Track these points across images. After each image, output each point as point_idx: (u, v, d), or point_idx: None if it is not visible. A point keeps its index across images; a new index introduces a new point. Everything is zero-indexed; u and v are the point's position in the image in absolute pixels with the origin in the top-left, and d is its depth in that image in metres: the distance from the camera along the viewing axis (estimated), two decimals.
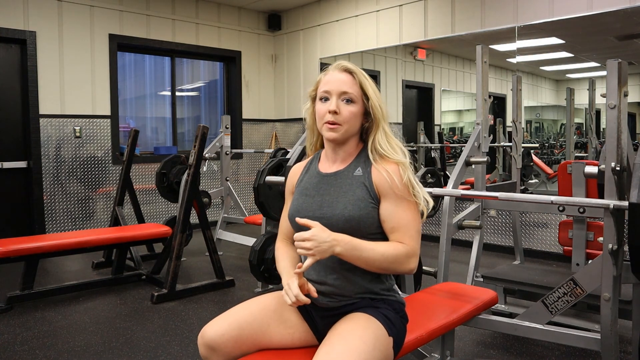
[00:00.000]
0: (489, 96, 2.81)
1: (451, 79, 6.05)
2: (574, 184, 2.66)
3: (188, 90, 6.44)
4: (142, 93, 6.04)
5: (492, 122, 5.07)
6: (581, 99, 4.84)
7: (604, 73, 1.98)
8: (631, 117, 4.42)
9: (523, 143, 3.34)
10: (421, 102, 6.08)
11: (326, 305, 1.46)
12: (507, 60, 4.85)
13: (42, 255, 3.32)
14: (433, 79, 5.98)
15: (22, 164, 4.91)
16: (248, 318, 1.45)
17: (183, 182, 3.81)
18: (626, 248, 1.86)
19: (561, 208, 2.37)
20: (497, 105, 5.39)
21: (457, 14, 4.81)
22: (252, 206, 6.21)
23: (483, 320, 2.19)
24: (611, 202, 1.84)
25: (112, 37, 5.33)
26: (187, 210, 3.57)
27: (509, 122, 4.30)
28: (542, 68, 5.21)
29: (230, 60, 6.45)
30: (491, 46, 4.09)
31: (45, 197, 4.97)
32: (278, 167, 3.39)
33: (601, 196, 2.06)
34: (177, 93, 6.19)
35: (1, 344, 2.67)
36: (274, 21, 6.58)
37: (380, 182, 1.42)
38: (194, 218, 3.85)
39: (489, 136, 2.79)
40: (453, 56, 5.92)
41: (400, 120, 5.88)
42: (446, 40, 4.99)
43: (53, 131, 4.99)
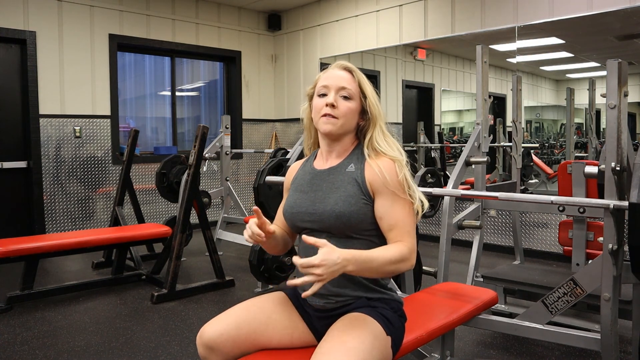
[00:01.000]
0: (489, 96, 2.81)
1: (451, 79, 6.05)
2: (574, 184, 2.66)
3: (188, 90, 6.44)
4: (142, 93, 6.04)
5: (492, 122, 5.07)
6: (581, 99, 4.84)
7: (604, 73, 1.98)
8: (631, 117, 4.42)
9: (523, 143, 3.33)
10: (421, 102, 6.08)
11: (323, 307, 1.46)
12: (507, 60, 4.85)
13: (42, 255, 3.32)
14: (433, 79, 5.98)
15: (22, 164, 4.91)
16: (247, 318, 1.45)
17: (183, 182, 3.81)
18: (626, 248, 1.86)
19: (561, 208, 2.36)
20: (497, 105, 5.39)
21: (457, 14, 4.81)
22: (252, 206, 6.20)
23: (483, 320, 2.19)
24: (611, 202, 1.84)
25: (112, 37, 5.33)
26: (187, 210, 3.57)
27: (509, 122, 4.30)
28: (542, 68, 5.21)
29: (230, 60, 6.45)
30: (491, 46, 4.09)
31: (45, 197, 4.97)
32: (278, 167, 3.40)
33: (601, 196, 2.06)
34: (177, 93, 6.19)
35: (1, 344, 2.67)
36: (274, 21, 6.58)
37: (372, 179, 1.41)
38: (194, 218, 3.84)
39: (489, 136, 2.79)
40: (453, 56, 5.92)
41: (400, 120, 5.88)
42: (446, 40, 4.99)
43: (53, 131, 4.99)
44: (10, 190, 4.88)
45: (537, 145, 5.29)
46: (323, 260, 1.19)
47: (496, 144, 5.07)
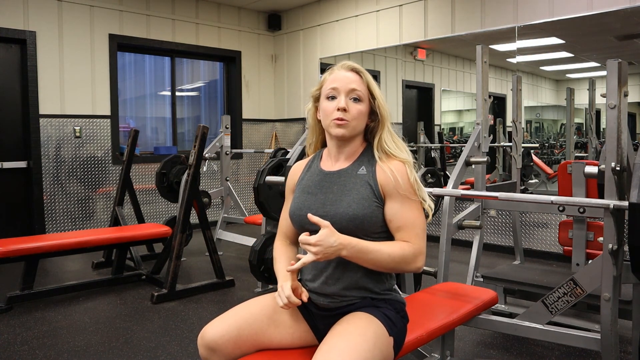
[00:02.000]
0: (489, 96, 2.81)
1: (451, 79, 6.05)
2: (574, 184, 2.66)
3: (188, 90, 6.44)
4: (142, 93, 6.04)
5: (492, 122, 5.07)
6: (581, 99, 4.84)
7: (604, 73, 1.98)
8: (631, 117, 4.42)
9: (523, 143, 3.34)
10: (421, 102, 6.08)
11: (327, 305, 1.46)
12: (507, 60, 4.85)
13: (42, 255, 3.32)
14: (433, 79, 5.98)
15: (22, 164, 4.91)
16: (248, 319, 1.44)
17: (183, 182, 3.81)
18: (626, 248, 1.86)
19: (561, 208, 2.36)
20: (497, 105, 5.39)
21: (457, 14, 4.81)
22: (252, 206, 6.20)
23: (483, 320, 2.19)
24: (611, 202, 1.84)
25: (112, 37, 5.33)
26: (187, 210, 3.57)
27: (509, 122, 4.30)
28: (542, 68, 5.21)
29: (230, 60, 6.45)
30: (491, 46, 4.09)
31: (45, 197, 4.97)
32: (278, 167, 3.39)
33: (601, 196, 2.06)
34: (177, 93, 6.19)
35: (1, 344, 2.67)
36: (274, 21, 6.58)
37: (385, 182, 1.42)
38: (194, 218, 3.84)
39: (489, 136, 2.79)
40: (453, 56, 5.92)
41: (400, 120, 5.88)
42: (446, 40, 4.99)
43: (53, 131, 4.99)
44: (10, 190, 4.88)
45: (537, 145, 5.29)
46: (319, 240, 1.27)
47: (496, 144, 5.07)
